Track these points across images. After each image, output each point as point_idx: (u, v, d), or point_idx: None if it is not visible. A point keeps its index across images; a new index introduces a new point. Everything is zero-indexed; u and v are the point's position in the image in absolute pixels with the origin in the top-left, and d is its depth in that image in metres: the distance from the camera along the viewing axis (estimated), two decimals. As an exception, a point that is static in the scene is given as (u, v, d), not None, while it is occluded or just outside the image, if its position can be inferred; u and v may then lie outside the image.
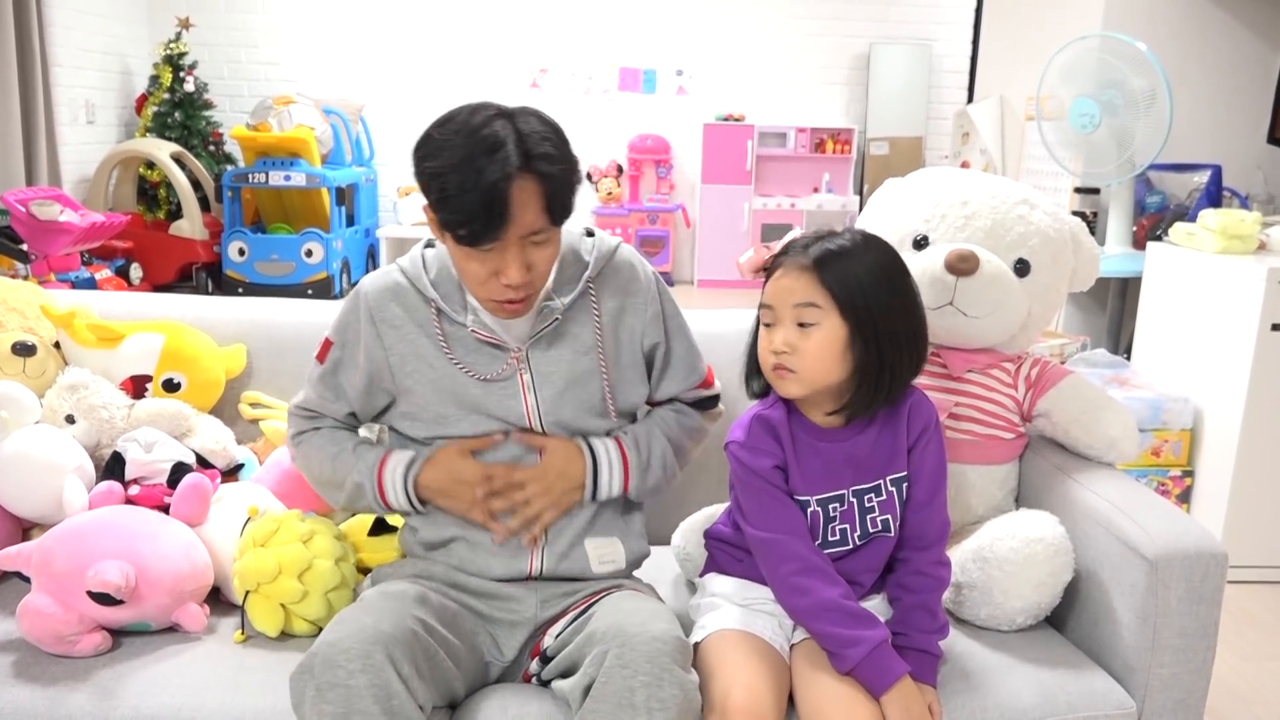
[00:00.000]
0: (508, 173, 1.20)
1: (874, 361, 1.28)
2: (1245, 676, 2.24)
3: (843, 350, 1.27)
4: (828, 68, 6.84)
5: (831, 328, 1.27)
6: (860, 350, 1.27)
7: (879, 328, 1.27)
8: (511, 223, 1.23)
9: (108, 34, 6.01)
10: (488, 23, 6.63)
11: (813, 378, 1.29)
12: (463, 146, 1.22)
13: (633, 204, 6.74)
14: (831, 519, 1.35)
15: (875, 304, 1.27)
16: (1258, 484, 2.68)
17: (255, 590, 1.42)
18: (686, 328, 1.51)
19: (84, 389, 1.66)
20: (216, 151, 6.14)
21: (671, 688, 1.15)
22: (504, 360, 1.37)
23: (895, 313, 1.29)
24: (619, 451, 1.42)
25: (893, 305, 1.29)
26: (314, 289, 5.54)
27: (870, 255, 1.30)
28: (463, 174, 1.21)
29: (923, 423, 1.36)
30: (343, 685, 1.12)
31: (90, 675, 1.32)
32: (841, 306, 1.27)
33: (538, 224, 1.25)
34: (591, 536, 1.42)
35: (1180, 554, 1.35)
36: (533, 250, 1.28)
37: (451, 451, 1.39)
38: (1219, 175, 3.46)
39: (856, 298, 1.26)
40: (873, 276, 1.28)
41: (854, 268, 1.27)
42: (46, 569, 1.38)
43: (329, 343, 1.44)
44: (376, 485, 1.41)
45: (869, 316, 1.27)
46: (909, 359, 1.31)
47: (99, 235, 4.71)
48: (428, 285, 1.38)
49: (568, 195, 1.27)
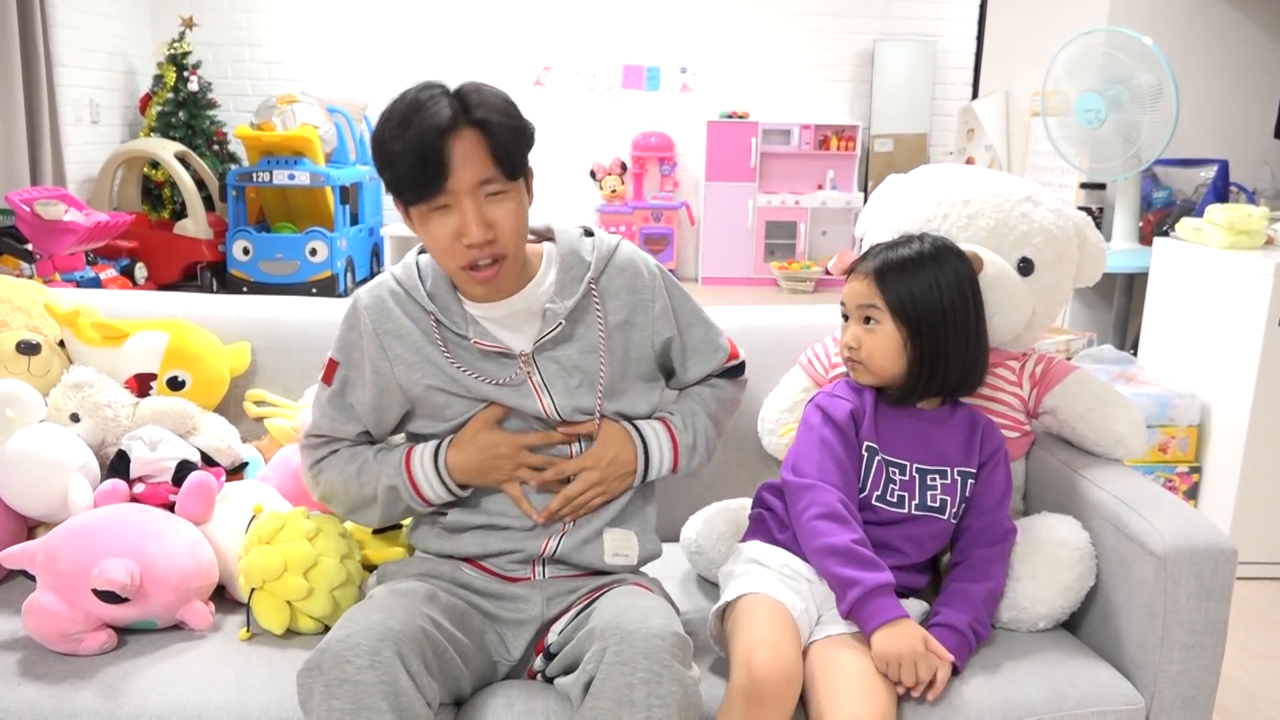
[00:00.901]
0: (439, 124, 1.23)
1: (927, 359, 1.43)
2: (1254, 673, 2.23)
3: (900, 349, 1.43)
4: (832, 64, 6.82)
5: (888, 329, 1.43)
6: (915, 350, 1.43)
7: (930, 332, 1.42)
8: (452, 174, 1.24)
9: (111, 34, 6.01)
10: (491, 20, 6.63)
11: (877, 368, 1.45)
12: (400, 112, 1.26)
13: (637, 201, 6.74)
14: (892, 481, 1.44)
15: (925, 312, 1.42)
16: (1266, 480, 2.67)
17: (260, 587, 1.42)
18: (699, 310, 1.52)
19: (89, 387, 1.65)
20: (221, 151, 6.15)
21: (671, 684, 1.15)
22: (513, 368, 1.37)
23: (946, 321, 1.43)
24: (668, 434, 1.43)
25: (945, 314, 1.43)
26: (318, 287, 5.55)
27: (929, 269, 1.44)
28: (399, 133, 1.24)
29: (994, 445, 1.49)
30: (351, 681, 1.12)
31: (96, 673, 1.32)
32: (893, 312, 1.43)
33: (485, 173, 1.26)
34: (611, 527, 1.42)
35: (1189, 550, 1.35)
36: (491, 205, 1.28)
37: (476, 427, 1.38)
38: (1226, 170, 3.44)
39: (907, 305, 1.43)
40: (925, 287, 1.43)
41: (910, 278, 1.43)
42: (52, 567, 1.38)
43: (334, 363, 1.41)
44: (409, 482, 1.38)
45: (919, 322, 1.42)
46: (959, 359, 1.45)
47: (104, 235, 4.72)
48: (424, 296, 1.37)
49: (516, 146, 1.28)
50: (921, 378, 1.44)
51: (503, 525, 1.39)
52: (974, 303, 1.47)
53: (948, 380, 1.46)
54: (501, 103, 1.30)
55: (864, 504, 1.44)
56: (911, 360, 1.43)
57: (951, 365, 1.44)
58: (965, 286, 1.46)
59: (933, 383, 1.45)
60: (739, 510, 1.64)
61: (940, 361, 1.43)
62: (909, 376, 1.44)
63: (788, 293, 6.51)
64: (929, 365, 1.43)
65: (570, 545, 1.39)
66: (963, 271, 1.46)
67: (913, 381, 1.45)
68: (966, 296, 1.45)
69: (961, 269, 1.46)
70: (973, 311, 1.46)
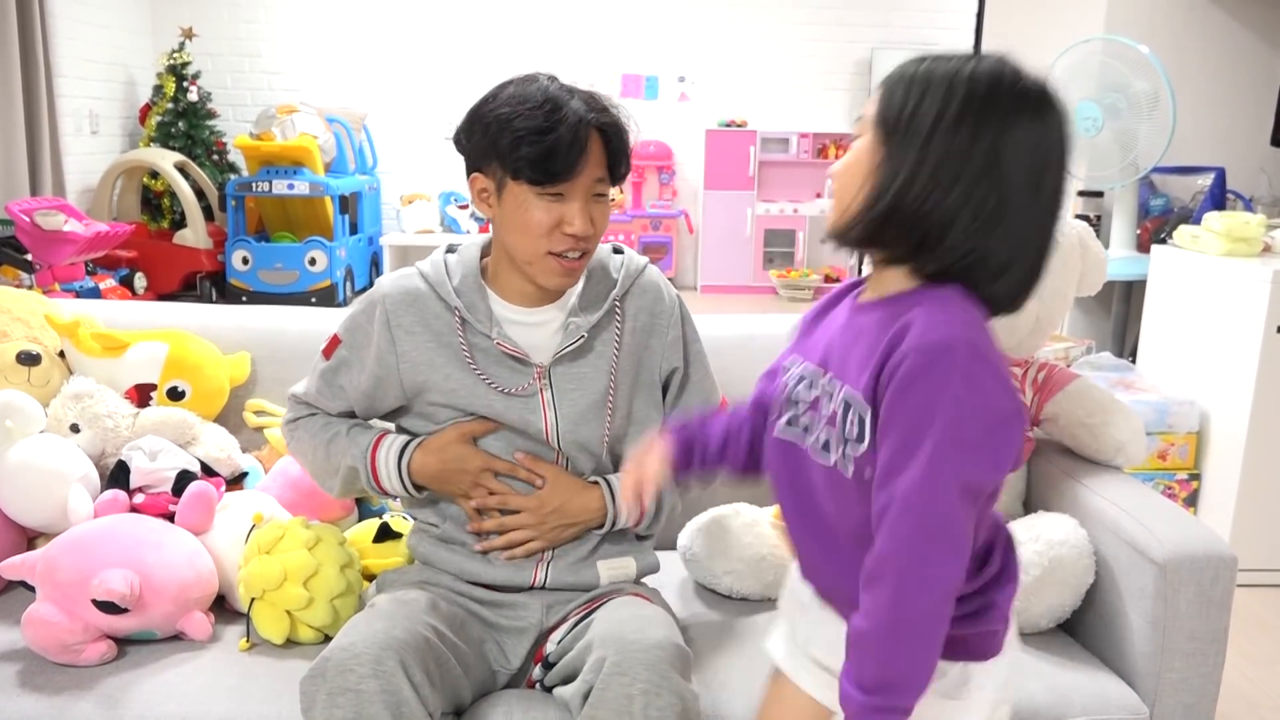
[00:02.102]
0: (584, 117, 1.28)
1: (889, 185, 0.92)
2: (1255, 680, 2.22)
3: (869, 169, 0.94)
4: (830, 73, 6.84)
5: (867, 141, 0.96)
6: (884, 176, 0.93)
7: (918, 175, 0.91)
8: (585, 165, 1.28)
9: (111, 44, 6.03)
10: (489, 31, 6.64)
11: (838, 198, 0.99)
12: (537, 95, 1.28)
13: (636, 210, 6.75)
14: (796, 402, 1.04)
15: (923, 124, 0.91)
16: (1265, 487, 2.66)
17: (260, 597, 1.41)
18: (705, 356, 1.50)
19: (89, 398, 1.66)
20: (220, 161, 6.16)
21: (669, 696, 1.14)
22: (528, 377, 1.36)
23: (937, 140, 0.90)
24: None
25: (936, 133, 0.90)
26: (318, 297, 5.55)
27: (964, 65, 0.92)
28: (543, 113, 1.26)
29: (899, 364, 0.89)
30: (354, 690, 1.12)
31: (95, 684, 1.32)
32: (880, 120, 0.95)
33: (600, 173, 1.31)
34: (605, 559, 1.41)
35: (1189, 558, 1.35)
36: (595, 205, 1.32)
37: (451, 436, 1.37)
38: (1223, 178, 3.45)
39: (900, 116, 0.93)
40: (949, 98, 0.90)
41: (921, 74, 0.93)
42: (51, 578, 1.38)
43: (337, 340, 1.42)
44: (370, 469, 1.39)
45: (909, 151, 0.91)
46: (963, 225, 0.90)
47: (103, 245, 4.72)
48: (451, 293, 1.36)
49: (625, 157, 1.34)
50: (873, 213, 0.93)
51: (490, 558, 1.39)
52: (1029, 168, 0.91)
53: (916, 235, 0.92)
54: (618, 113, 1.35)
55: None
56: (873, 198, 0.93)
57: (931, 210, 0.90)
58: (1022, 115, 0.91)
59: (888, 229, 0.93)
60: (733, 517, 1.64)
61: (909, 192, 0.90)
62: (866, 225, 0.94)
63: (786, 301, 6.51)
64: (889, 196, 0.91)
65: (560, 573, 1.39)
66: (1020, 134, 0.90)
67: (858, 214, 0.94)
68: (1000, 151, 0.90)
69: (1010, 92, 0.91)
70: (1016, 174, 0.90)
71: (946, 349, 0.88)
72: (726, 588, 1.60)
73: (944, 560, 0.89)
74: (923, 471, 0.87)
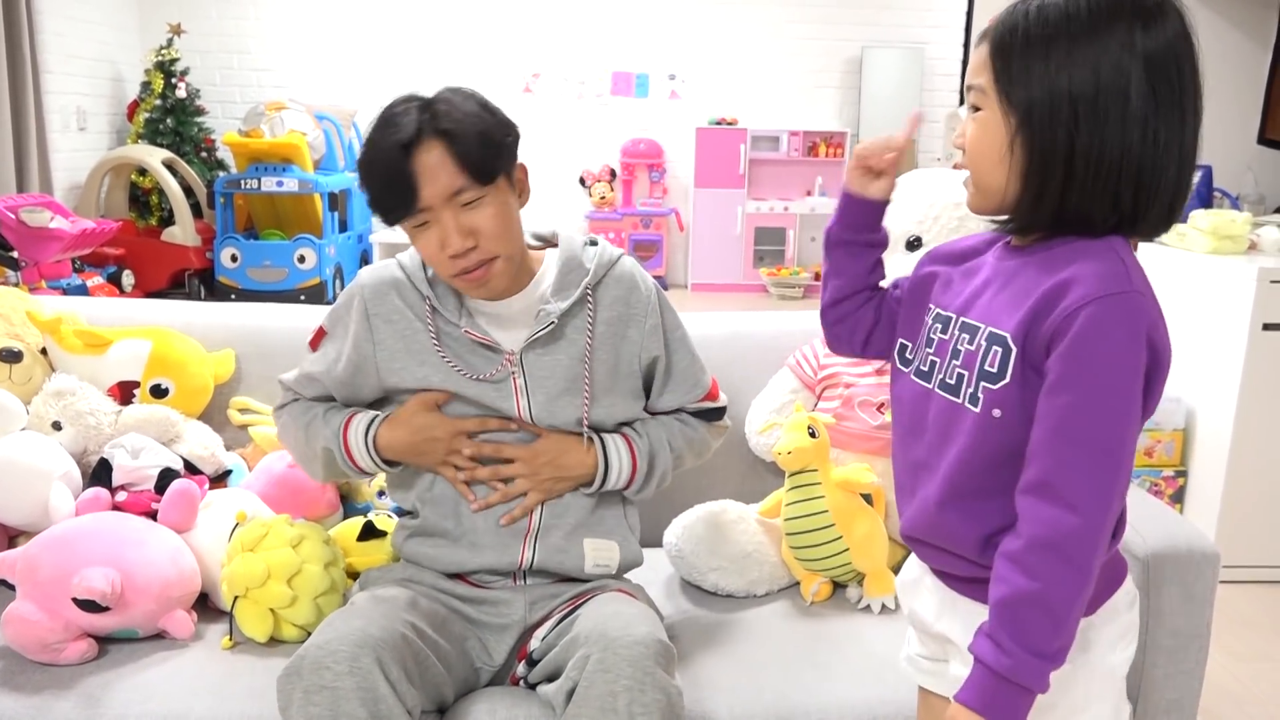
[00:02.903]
0: (401, 141, 1.24)
1: (1037, 174, 0.92)
2: (1239, 676, 2.23)
3: (1004, 150, 0.93)
4: (820, 71, 6.85)
5: (994, 117, 0.93)
6: (1024, 154, 0.92)
7: (1049, 123, 0.90)
8: (420, 190, 1.25)
9: (99, 40, 6.00)
10: (480, 27, 6.63)
11: (978, 182, 0.98)
12: (373, 131, 1.28)
13: (626, 208, 6.74)
14: (930, 342, 1.04)
15: (1049, 99, 0.89)
16: (1250, 484, 2.68)
17: (244, 595, 1.41)
18: (689, 341, 1.49)
19: (71, 395, 1.65)
20: (209, 158, 6.13)
21: (654, 692, 1.14)
22: (498, 362, 1.36)
23: (1078, 111, 0.89)
24: (629, 453, 1.41)
25: (1077, 100, 0.89)
26: (307, 295, 5.53)
27: (1072, 38, 0.89)
28: (369, 155, 1.27)
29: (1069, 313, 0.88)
30: (330, 688, 1.12)
31: (76, 683, 1.31)
32: (1001, 92, 0.92)
33: (457, 184, 1.25)
34: (591, 537, 1.41)
35: (1172, 554, 1.35)
36: (469, 214, 1.27)
37: (415, 406, 1.37)
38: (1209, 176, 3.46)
39: (1021, 64, 0.90)
40: (1069, 25, 0.89)
41: (1046, 13, 0.90)
42: (32, 576, 1.37)
43: (322, 331, 1.44)
44: (343, 448, 1.39)
45: (1043, 94, 0.90)
46: (1103, 187, 0.90)
47: (90, 242, 4.70)
48: (424, 281, 1.38)
49: (486, 150, 1.27)
50: (1036, 201, 0.93)
51: (476, 541, 1.38)
52: (1157, 87, 0.88)
53: (1074, 208, 0.92)
54: (473, 107, 1.29)
55: (902, 360, 1.09)
56: (1021, 169, 0.92)
57: (1078, 181, 0.90)
58: (1132, 61, 0.88)
59: (1043, 207, 0.93)
60: (720, 513, 1.64)
61: (1058, 171, 0.90)
62: (1017, 198, 0.94)
63: (776, 299, 6.52)
64: (1043, 181, 0.91)
65: (547, 553, 1.38)
66: (1138, 38, 0.88)
67: (1023, 206, 0.94)
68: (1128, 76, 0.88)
69: (1137, 34, 0.88)
70: (1145, 99, 0.88)
71: (1122, 299, 0.88)
72: (712, 584, 1.60)
73: (1121, 502, 0.90)
74: (1103, 423, 0.88)
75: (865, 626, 1.51)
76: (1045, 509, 0.89)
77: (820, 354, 1.77)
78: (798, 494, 1.59)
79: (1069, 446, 0.89)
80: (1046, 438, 0.90)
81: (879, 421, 1.65)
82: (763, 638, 1.48)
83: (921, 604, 1.10)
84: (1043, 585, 0.88)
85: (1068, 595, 0.89)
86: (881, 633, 1.49)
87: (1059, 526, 0.88)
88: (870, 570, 1.59)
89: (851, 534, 1.56)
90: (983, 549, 0.97)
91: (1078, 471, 0.88)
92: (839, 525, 1.56)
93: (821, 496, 1.57)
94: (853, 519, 1.57)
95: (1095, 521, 0.89)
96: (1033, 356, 0.92)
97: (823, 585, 1.60)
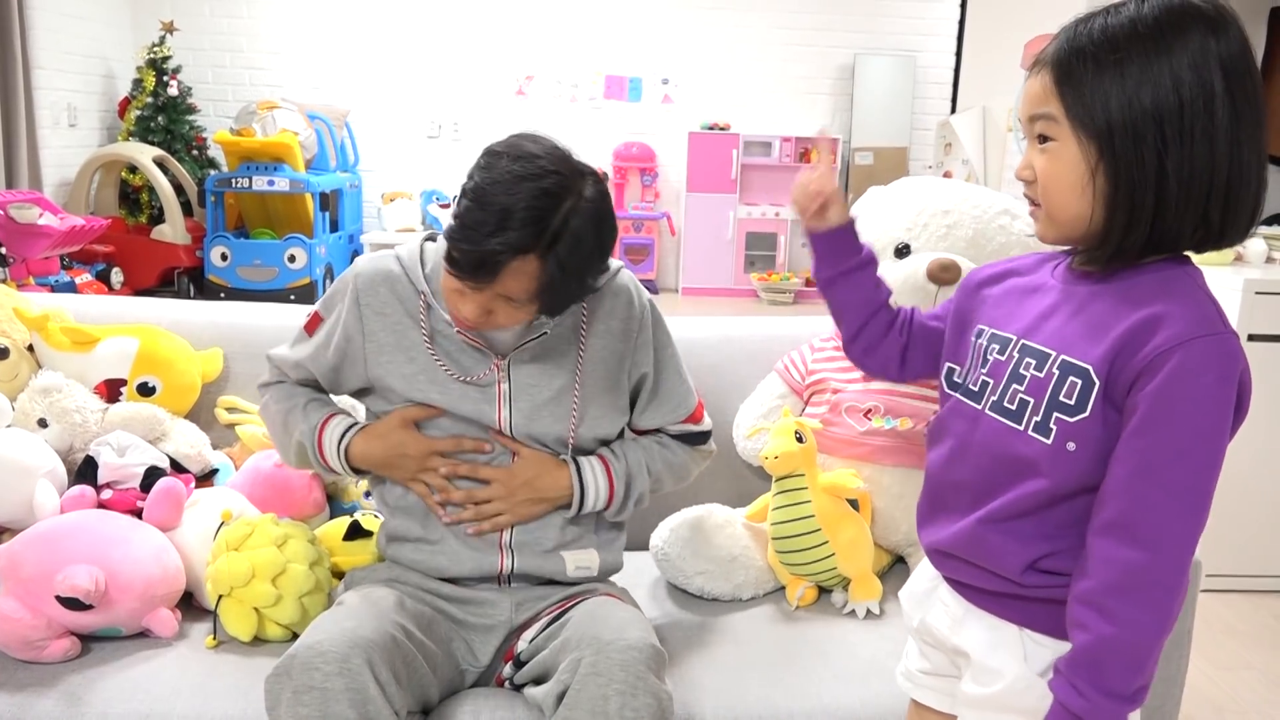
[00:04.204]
0: (515, 246, 1.17)
1: (1127, 197, 0.89)
2: (1220, 684, 2.25)
3: (1084, 179, 0.91)
4: (813, 78, 6.87)
5: (1068, 146, 0.92)
6: (1109, 182, 0.90)
7: (1133, 151, 0.88)
8: (493, 284, 1.21)
9: (91, 37, 5.97)
10: (474, 29, 6.63)
11: (1057, 210, 0.95)
12: (499, 195, 1.18)
13: (618, 211, 6.72)
14: (985, 361, 1.02)
15: (1132, 122, 0.88)
16: (1233, 493, 2.69)
17: (229, 594, 1.40)
18: (678, 360, 1.48)
19: (57, 392, 1.64)
20: (200, 156, 6.11)
21: (645, 697, 1.14)
22: (486, 366, 1.36)
23: (1165, 130, 0.87)
24: (607, 481, 1.40)
25: (1164, 119, 0.87)
26: (296, 294, 5.51)
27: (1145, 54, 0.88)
28: (483, 213, 1.17)
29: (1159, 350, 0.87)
30: (319, 688, 1.11)
31: (58, 681, 1.30)
32: (1076, 120, 0.90)
33: (520, 295, 1.23)
34: (568, 549, 1.41)
35: (1154, 561, 1.36)
36: (502, 305, 1.25)
37: (393, 422, 1.37)
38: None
39: (1093, 88, 0.89)
40: (1133, 85, 0.87)
41: (1112, 32, 0.89)
42: (15, 573, 1.37)
43: (318, 317, 1.43)
44: (317, 447, 1.40)
45: (1112, 135, 0.89)
46: (1195, 205, 0.88)
47: (79, 239, 4.68)
48: (420, 277, 1.37)
49: (563, 297, 1.26)
50: (1128, 228, 0.90)
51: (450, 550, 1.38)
52: (1235, 96, 0.87)
53: (1166, 230, 0.89)
54: (586, 256, 1.23)
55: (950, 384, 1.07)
56: (1106, 197, 0.90)
57: (1171, 203, 0.88)
58: (1211, 72, 0.87)
59: (1136, 232, 0.90)
60: (705, 517, 1.65)
61: (1145, 214, 0.89)
62: (1105, 225, 0.91)
63: (767, 304, 6.53)
64: (1134, 207, 0.89)
65: (526, 560, 1.38)
66: (1212, 48, 0.87)
67: (1113, 234, 0.91)
68: (1212, 88, 0.87)
69: (1210, 44, 0.87)
70: (1227, 110, 0.87)
71: (1216, 341, 0.87)
72: (698, 588, 1.61)
73: (1193, 552, 0.89)
74: (1190, 467, 0.87)
75: (850, 631, 1.52)
76: (1125, 551, 0.88)
77: (809, 360, 1.78)
78: (784, 499, 1.60)
79: (1154, 489, 0.87)
80: (1128, 478, 0.88)
81: (866, 427, 1.66)
82: (748, 642, 1.48)
83: (935, 616, 1.08)
84: (1122, 630, 0.87)
85: (1148, 640, 0.88)
86: (866, 637, 1.49)
87: (1140, 569, 0.87)
88: (855, 575, 1.59)
89: (837, 539, 1.57)
90: (1024, 570, 0.96)
91: (1161, 513, 0.87)
92: (825, 530, 1.57)
93: (808, 501, 1.58)
94: (839, 524, 1.57)
95: (1176, 564, 0.88)
96: (1114, 392, 0.90)
97: (808, 590, 1.60)
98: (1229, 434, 0.89)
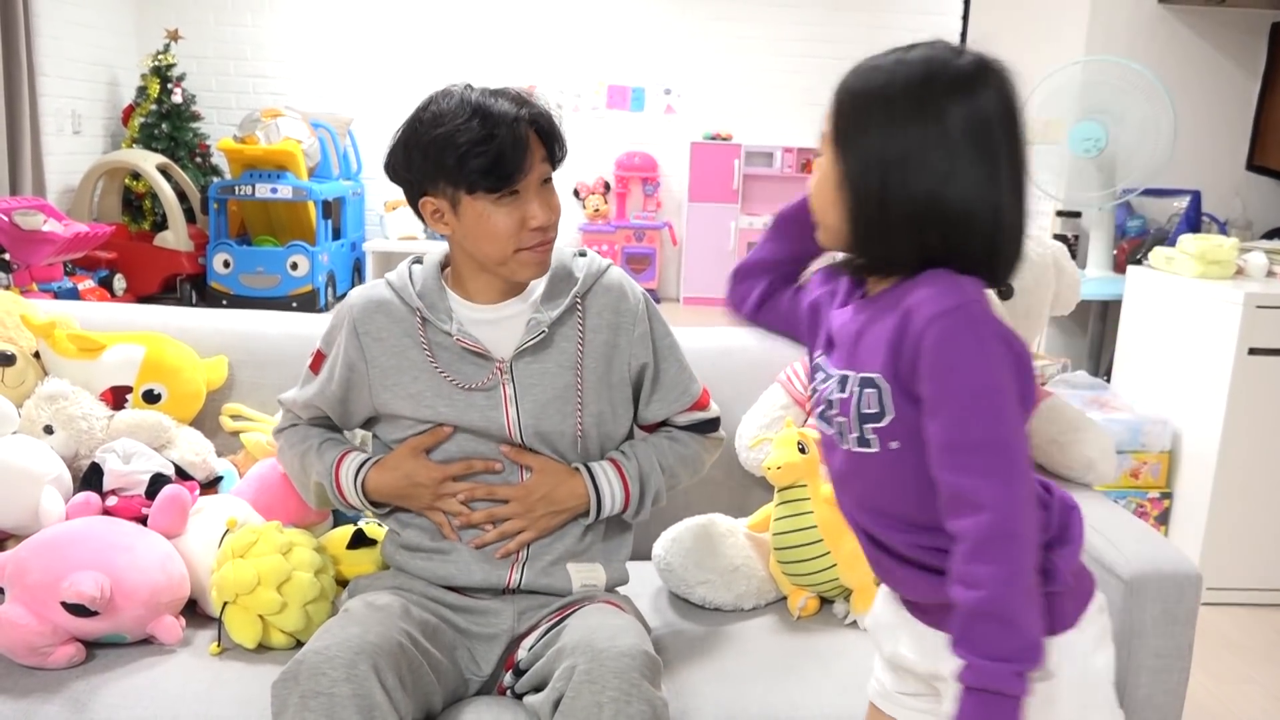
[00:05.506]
0: (518, 115, 1.30)
1: (863, 206, 0.97)
2: (1221, 698, 2.25)
3: (835, 186, 0.99)
4: (815, 88, 6.88)
5: (827, 159, 1.01)
6: (851, 195, 0.97)
7: (872, 172, 0.96)
8: (529, 160, 1.31)
9: (96, 44, 6.00)
10: (476, 39, 6.65)
11: (817, 215, 1.04)
12: (465, 108, 1.30)
13: (619, 221, 6.76)
14: (830, 404, 1.05)
15: (874, 135, 0.96)
16: (1235, 506, 2.70)
17: (234, 601, 1.41)
18: (678, 350, 1.50)
19: (63, 399, 1.65)
20: (203, 163, 6.13)
21: (640, 704, 1.15)
22: (488, 370, 1.38)
23: (909, 159, 0.93)
24: (621, 482, 1.42)
25: (888, 141, 0.95)
26: (299, 302, 5.53)
27: (908, 70, 0.98)
28: (479, 122, 1.28)
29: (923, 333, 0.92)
30: (326, 694, 1.12)
31: (63, 687, 1.31)
32: (834, 133, 1.00)
33: (544, 168, 1.35)
34: (575, 561, 1.42)
35: (1155, 575, 1.36)
36: (548, 192, 1.36)
37: (403, 453, 1.40)
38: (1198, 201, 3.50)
39: (849, 124, 0.98)
40: (887, 97, 0.97)
41: (871, 83, 1.00)
42: (21, 579, 1.37)
43: (320, 354, 1.46)
44: (335, 485, 1.42)
45: (863, 152, 0.97)
46: (921, 216, 0.94)
47: (82, 246, 4.69)
48: (412, 295, 1.40)
49: (559, 141, 1.38)
50: (865, 235, 0.98)
51: (461, 561, 1.39)
52: (980, 148, 0.94)
53: (891, 264, 0.98)
54: (544, 101, 1.39)
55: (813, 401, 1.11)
56: (849, 206, 0.98)
57: (897, 223, 0.95)
58: (953, 132, 0.94)
59: (873, 244, 0.98)
60: (709, 527, 1.65)
61: (878, 229, 0.96)
62: (851, 232, 0.99)
63: (768, 314, 6.53)
64: (866, 217, 0.97)
65: (533, 575, 1.39)
66: (958, 114, 0.94)
67: (856, 242, 1.00)
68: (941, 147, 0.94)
69: (955, 110, 0.94)
70: (960, 163, 0.94)
71: (959, 310, 0.92)
72: (700, 598, 1.61)
73: (1029, 491, 0.92)
74: (983, 424, 0.91)
75: (852, 642, 1.52)
76: (965, 521, 0.91)
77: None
78: (787, 509, 1.60)
79: (960, 455, 0.92)
80: (940, 456, 0.93)
81: (868, 439, 1.66)
82: (750, 651, 1.49)
83: (905, 647, 1.09)
84: (980, 592, 0.89)
85: (1004, 594, 0.89)
86: (868, 648, 1.49)
87: (981, 531, 0.90)
88: (857, 586, 1.60)
89: (840, 549, 1.57)
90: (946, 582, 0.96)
91: (977, 474, 0.91)
92: (827, 540, 1.57)
93: (810, 512, 1.58)
94: (841, 535, 1.58)
95: (1008, 513, 0.90)
96: (906, 386, 0.95)
97: (810, 600, 1.61)
98: (1013, 384, 0.92)
